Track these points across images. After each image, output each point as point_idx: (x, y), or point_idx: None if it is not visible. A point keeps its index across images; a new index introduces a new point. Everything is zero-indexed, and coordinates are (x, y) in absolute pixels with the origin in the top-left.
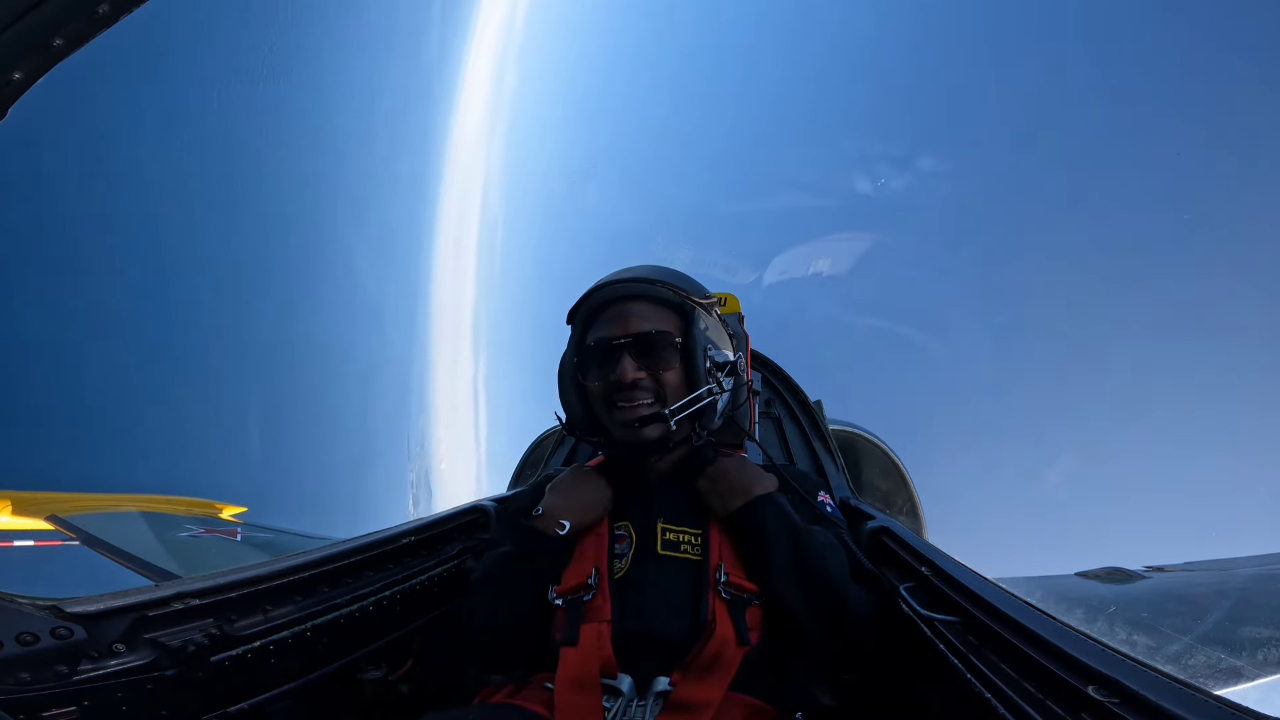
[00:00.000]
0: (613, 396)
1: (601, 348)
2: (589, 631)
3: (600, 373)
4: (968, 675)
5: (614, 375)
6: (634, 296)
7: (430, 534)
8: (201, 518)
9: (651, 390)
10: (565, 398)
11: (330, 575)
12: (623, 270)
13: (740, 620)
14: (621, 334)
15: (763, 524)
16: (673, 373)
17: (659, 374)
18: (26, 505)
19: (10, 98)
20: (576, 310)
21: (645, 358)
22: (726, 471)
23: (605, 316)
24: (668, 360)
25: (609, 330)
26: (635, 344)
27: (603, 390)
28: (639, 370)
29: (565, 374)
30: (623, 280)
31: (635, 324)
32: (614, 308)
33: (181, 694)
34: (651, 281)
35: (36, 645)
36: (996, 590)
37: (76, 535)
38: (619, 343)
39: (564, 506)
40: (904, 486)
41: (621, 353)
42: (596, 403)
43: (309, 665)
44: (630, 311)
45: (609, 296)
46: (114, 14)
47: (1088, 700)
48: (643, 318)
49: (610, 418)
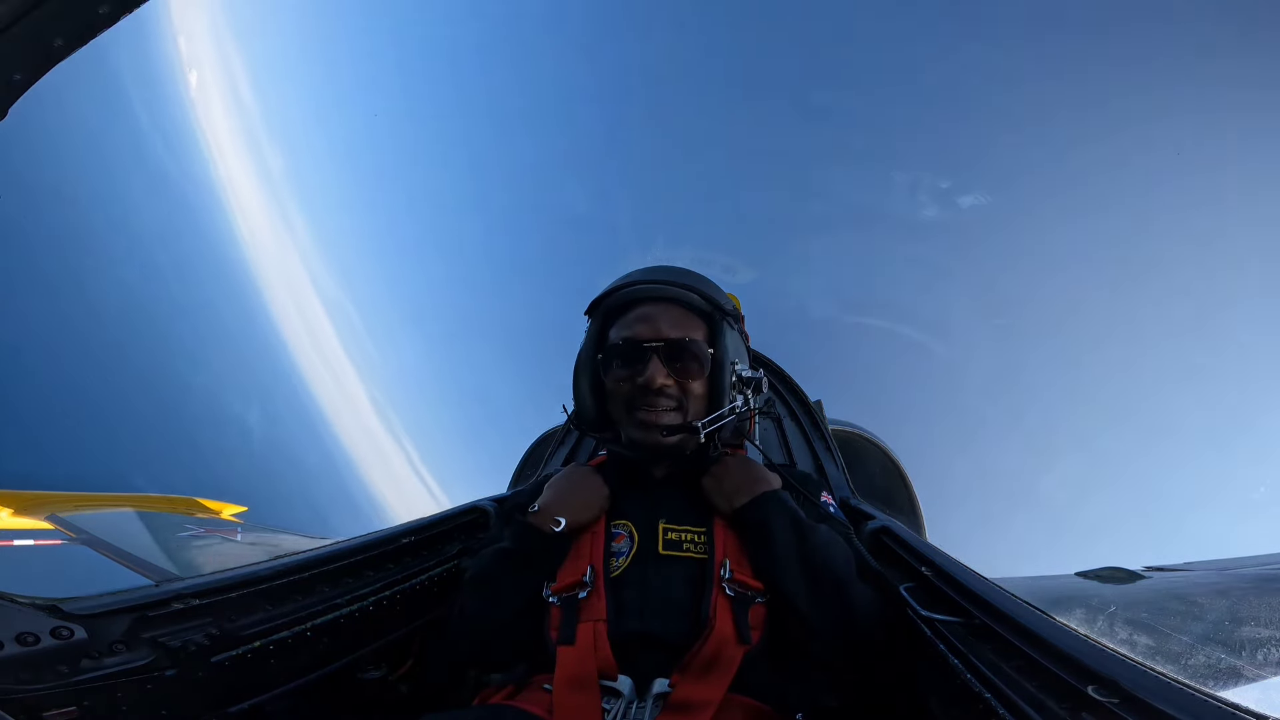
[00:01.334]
0: (634, 398)
1: (629, 347)
2: (585, 631)
3: (625, 373)
4: (967, 675)
5: (641, 378)
6: (665, 299)
7: (430, 534)
8: (201, 518)
9: (676, 398)
10: (579, 391)
11: (330, 575)
12: (649, 269)
13: (742, 618)
14: (653, 337)
15: (768, 520)
16: (699, 383)
17: (686, 383)
18: (26, 505)
19: (10, 98)
20: (600, 302)
21: (674, 364)
22: (731, 469)
23: (634, 315)
24: (696, 370)
25: (638, 330)
26: (667, 349)
27: (626, 391)
28: (668, 377)
29: (583, 368)
30: (656, 281)
31: (667, 329)
32: (643, 307)
33: (181, 694)
34: (685, 286)
35: (37, 645)
36: (996, 590)
37: (76, 535)
38: (650, 346)
39: (560, 503)
40: (904, 486)
41: (651, 356)
42: (614, 401)
43: (309, 665)
44: (661, 314)
45: (639, 295)
46: (114, 14)
47: (1087, 700)
48: (675, 323)
49: (629, 418)
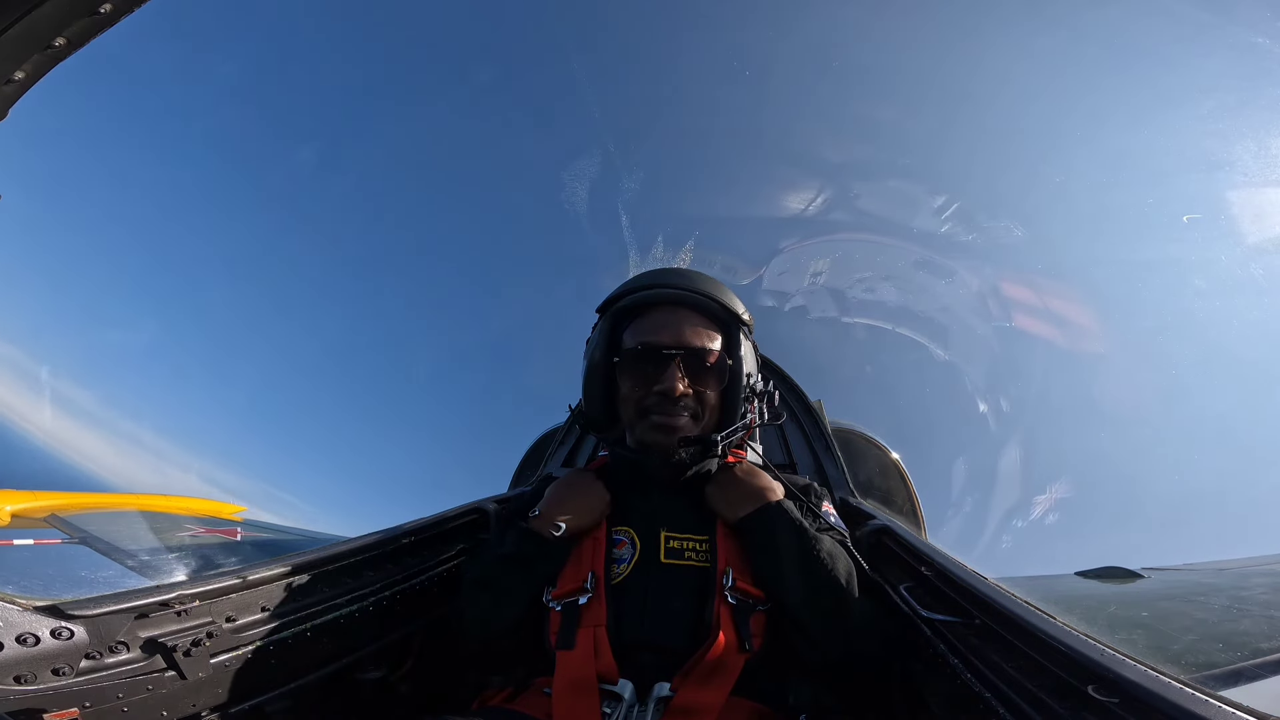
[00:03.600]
0: (648, 404)
1: (648, 352)
2: (585, 636)
3: (641, 378)
4: (968, 675)
5: (661, 386)
6: (684, 305)
7: (430, 534)
8: (201, 517)
9: (692, 407)
10: (589, 392)
11: (330, 575)
12: (664, 271)
13: (744, 626)
14: (674, 344)
15: (773, 529)
16: (714, 394)
17: (703, 392)
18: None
19: (12, 97)
20: (613, 302)
21: (692, 373)
22: (736, 478)
23: (652, 320)
24: (714, 380)
25: (658, 336)
26: (687, 357)
27: (641, 395)
28: (687, 386)
29: (596, 370)
30: (675, 286)
31: (689, 336)
32: (661, 312)
33: (181, 694)
34: (705, 294)
35: (37, 646)
36: (996, 590)
37: (76, 535)
38: (670, 352)
39: (561, 508)
40: (903, 486)
41: (670, 363)
42: (626, 404)
43: (309, 665)
44: (682, 321)
45: (657, 298)
46: (116, 13)
47: (1088, 700)
48: (696, 331)
49: (641, 422)
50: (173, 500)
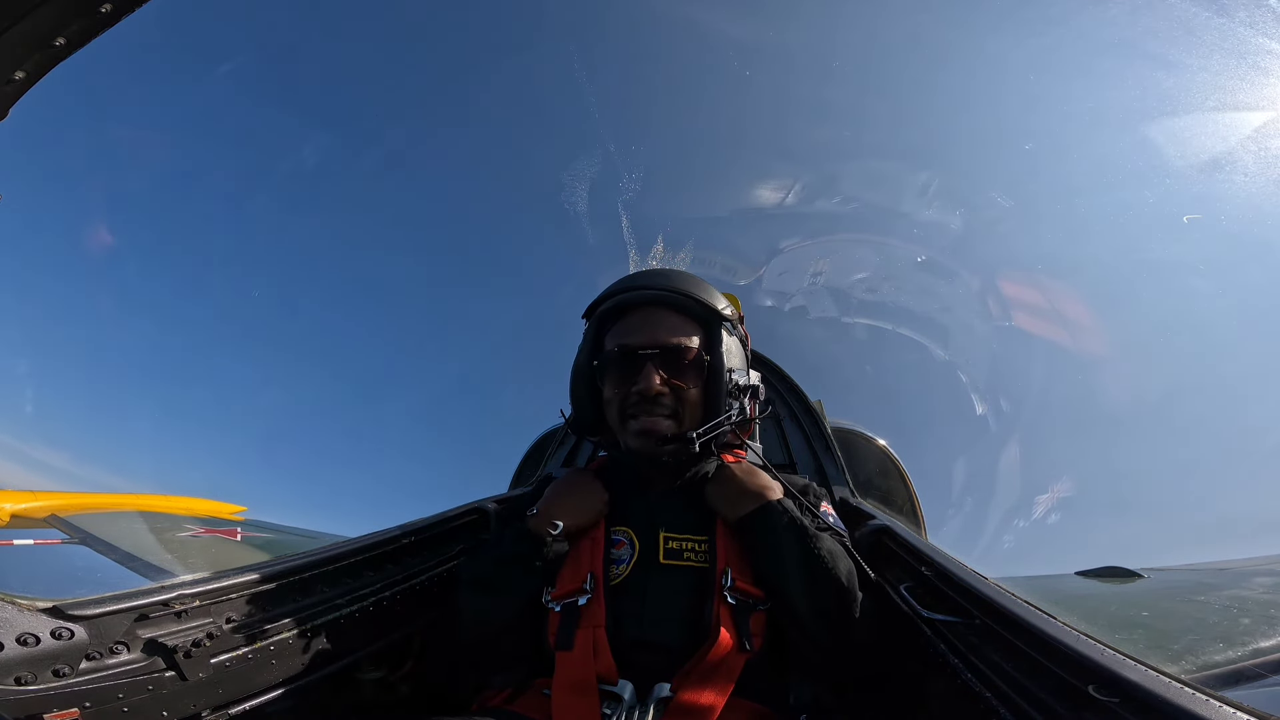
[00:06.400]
0: (630, 405)
1: (625, 354)
2: (584, 636)
3: (620, 380)
4: (968, 675)
5: (637, 386)
6: (661, 304)
7: (430, 534)
8: (201, 518)
9: (671, 406)
10: (576, 397)
11: (330, 575)
12: (645, 273)
13: (744, 626)
14: (648, 344)
15: (773, 529)
16: (695, 391)
17: (682, 390)
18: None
19: (12, 97)
20: (595, 307)
21: (670, 371)
22: (735, 477)
23: (630, 321)
24: (692, 378)
25: (634, 338)
26: (662, 356)
27: (621, 398)
28: (664, 384)
29: (580, 374)
30: (651, 287)
31: (664, 335)
32: (640, 313)
33: (182, 694)
34: (681, 292)
35: (37, 646)
36: (996, 590)
37: (76, 535)
38: (645, 353)
39: (558, 507)
40: (903, 486)
41: (646, 363)
42: (610, 408)
43: (309, 665)
44: (658, 320)
45: (635, 300)
46: (116, 13)
47: (1088, 700)
48: (671, 330)
49: (624, 426)
50: (173, 500)
